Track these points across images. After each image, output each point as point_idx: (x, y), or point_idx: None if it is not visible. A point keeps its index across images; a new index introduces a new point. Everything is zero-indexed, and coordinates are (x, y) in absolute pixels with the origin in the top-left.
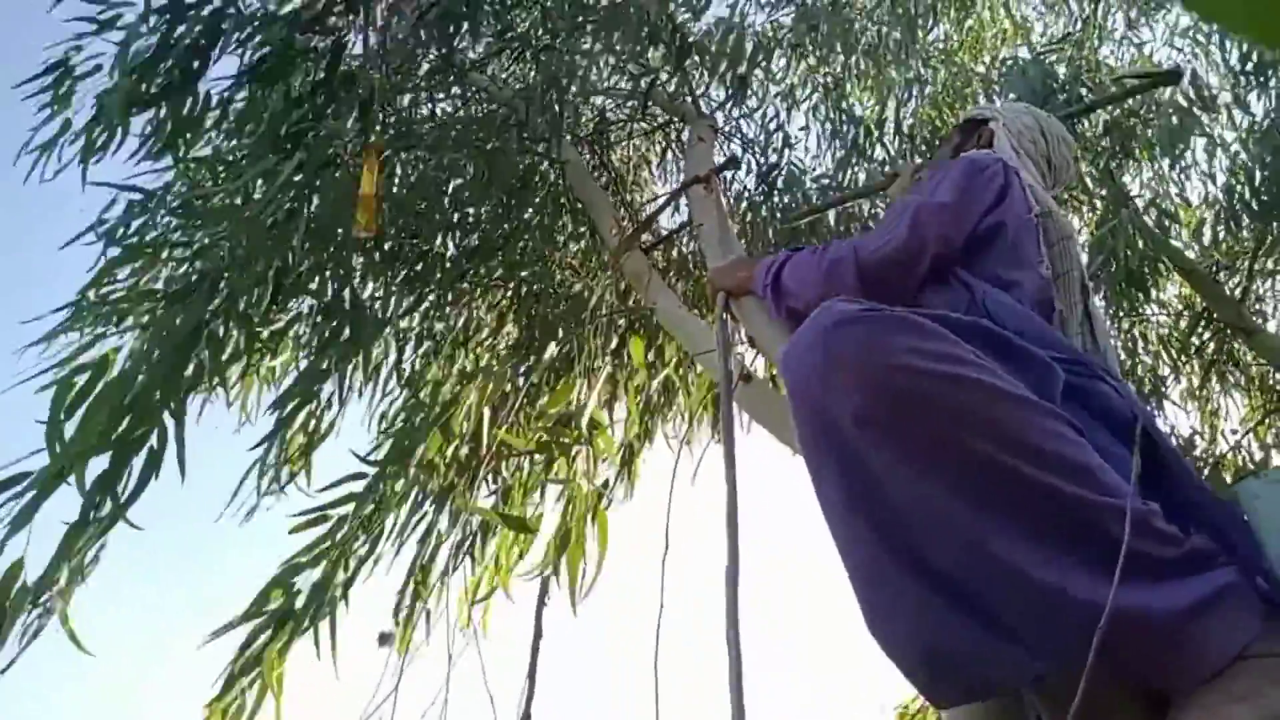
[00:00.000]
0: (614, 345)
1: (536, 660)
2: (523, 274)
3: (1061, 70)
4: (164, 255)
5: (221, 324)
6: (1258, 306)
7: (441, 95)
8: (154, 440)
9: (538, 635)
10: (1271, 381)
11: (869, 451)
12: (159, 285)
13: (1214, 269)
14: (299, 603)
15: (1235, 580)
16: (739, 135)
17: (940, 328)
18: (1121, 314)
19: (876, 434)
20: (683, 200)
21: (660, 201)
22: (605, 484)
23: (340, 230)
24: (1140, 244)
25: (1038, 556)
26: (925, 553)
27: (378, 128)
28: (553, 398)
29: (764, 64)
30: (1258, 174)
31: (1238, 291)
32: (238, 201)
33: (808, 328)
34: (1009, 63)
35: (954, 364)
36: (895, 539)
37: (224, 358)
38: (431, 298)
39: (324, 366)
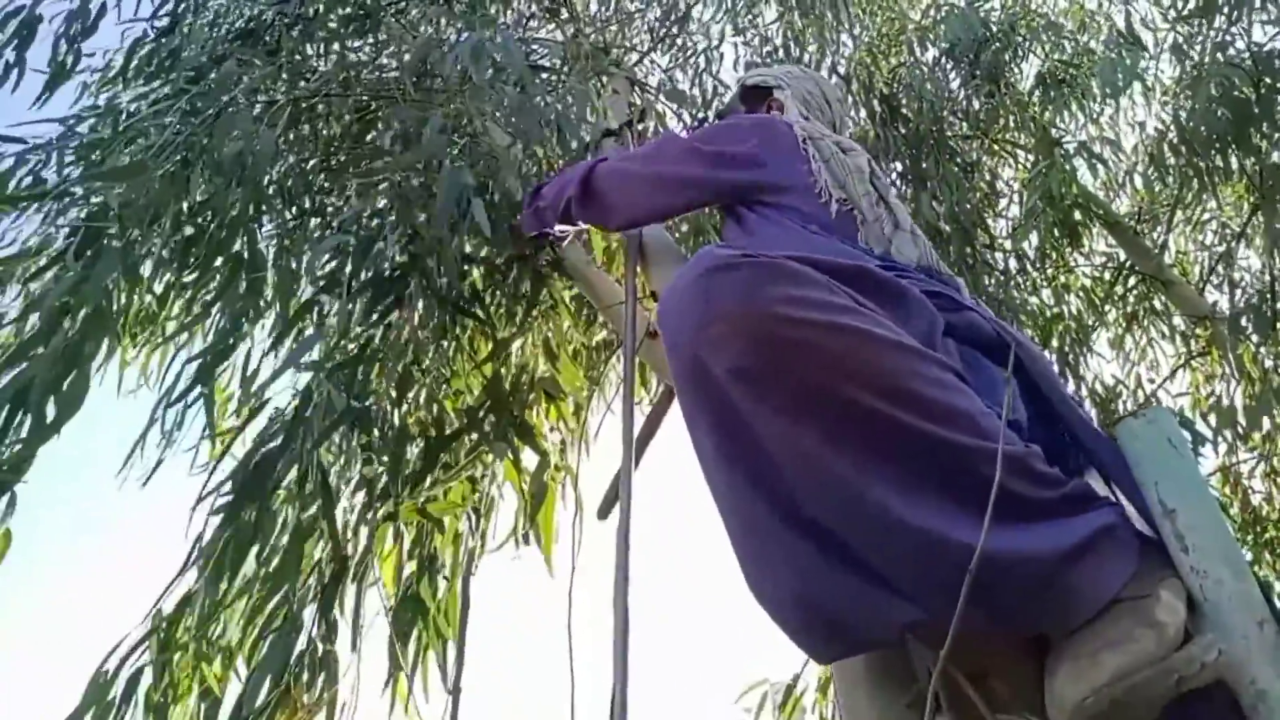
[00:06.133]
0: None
1: (465, 631)
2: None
3: (995, 17)
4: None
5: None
6: (1178, 258)
7: (356, 43)
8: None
9: (465, 605)
10: (1187, 332)
11: (745, 401)
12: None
13: (1137, 218)
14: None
15: (1113, 522)
16: (669, 85)
17: (818, 274)
18: (1049, 265)
19: (752, 383)
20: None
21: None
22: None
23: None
24: (1073, 189)
25: (916, 504)
26: (801, 503)
27: (285, 76)
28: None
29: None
30: (1185, 120)
31: (1158, 244)
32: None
33: (684, 275)
34: (944, 8)
35: (831, 311)
36: (770, 490)
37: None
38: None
39: (222, 323)
